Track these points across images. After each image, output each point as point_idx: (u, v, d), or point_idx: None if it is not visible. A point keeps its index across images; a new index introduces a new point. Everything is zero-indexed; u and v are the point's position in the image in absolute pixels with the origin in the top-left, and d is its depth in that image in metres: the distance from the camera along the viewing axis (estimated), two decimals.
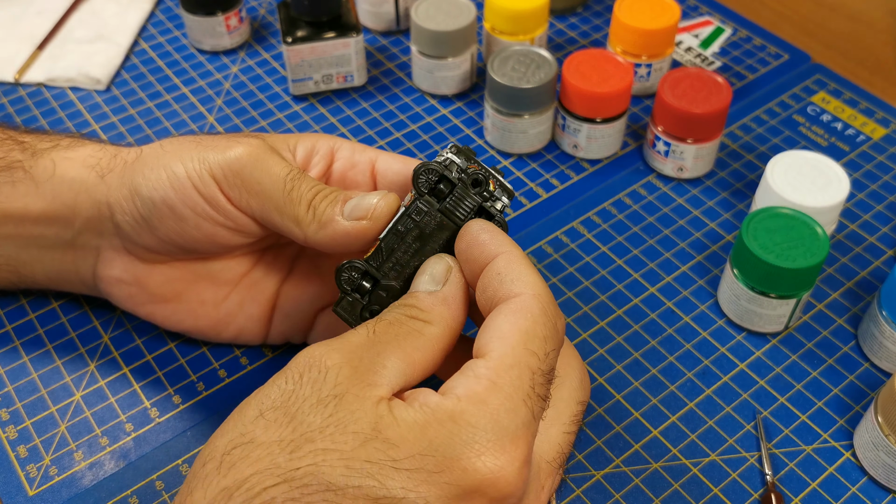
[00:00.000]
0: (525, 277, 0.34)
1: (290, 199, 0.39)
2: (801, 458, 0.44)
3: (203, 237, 0.41)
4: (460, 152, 0.39)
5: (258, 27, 0.70)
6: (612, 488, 0.43)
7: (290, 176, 0.40)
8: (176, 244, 0.42)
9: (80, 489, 0.43)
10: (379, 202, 0.38)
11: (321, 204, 0.39)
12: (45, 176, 0.43)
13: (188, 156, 0.40)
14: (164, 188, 0.40)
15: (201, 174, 0.40)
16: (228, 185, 0.40)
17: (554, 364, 0.33)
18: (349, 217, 0.38)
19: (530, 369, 0.32)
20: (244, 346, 0.48)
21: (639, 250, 0.54)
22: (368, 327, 0.33)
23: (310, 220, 0.39)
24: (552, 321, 0.33)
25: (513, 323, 0.32)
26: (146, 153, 0.42)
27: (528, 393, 0.31)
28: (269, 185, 0.39)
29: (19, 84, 0.65)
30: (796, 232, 0.46)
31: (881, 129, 0.62)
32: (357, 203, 0.38)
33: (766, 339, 0.49)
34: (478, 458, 0.29)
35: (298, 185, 0.39)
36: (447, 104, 0.64)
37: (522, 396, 0.31)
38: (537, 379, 0.32)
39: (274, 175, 0.39)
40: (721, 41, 0.69)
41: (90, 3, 0.71)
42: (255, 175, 0.39)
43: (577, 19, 0.71)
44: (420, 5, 0.61)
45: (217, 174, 0.40)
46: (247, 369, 0.48)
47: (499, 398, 0.31)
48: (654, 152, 0.58)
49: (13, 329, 0.49)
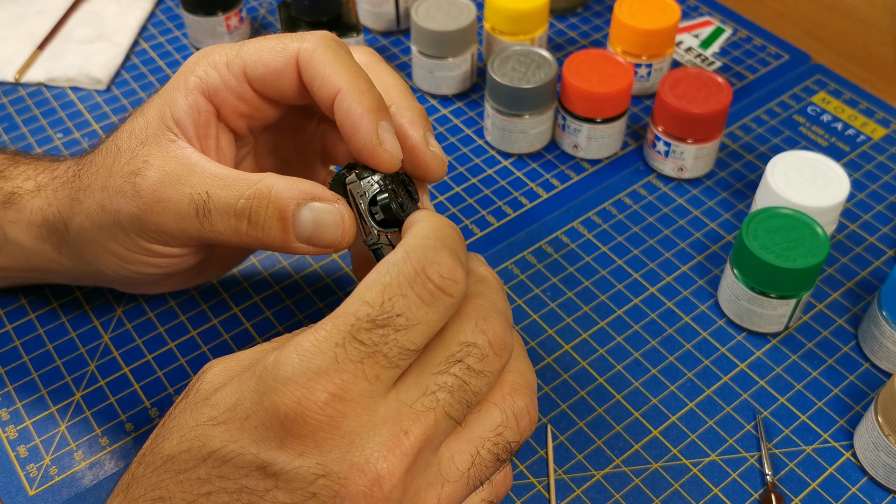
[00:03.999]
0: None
1: (214, 232, 0.36)
2: (801, 458, 0.44)
3: (136, 275, 0.41)
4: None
5: (258, 27, 0.70)
6: (612, 488, 0.43)
7: (200, 214, 0.36)
8: (119, 276, 0.41)
9: (80, 489, 0.43)
10: (344, 233, 0.36)
11: (263, 235, 0.36)
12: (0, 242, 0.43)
13: (105, 198, 0.38)
14: (87, 230, 0.40)
15: (121, 229, 0.38)
16: (143, 232, 0.38)
17: (397, 313, 0.30)
18: (308, 242, 0.36)
19: (355, 316, 0.30)
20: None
21: (639, 250, 0.54)
22: None
23: (255, 246, 0.36)
24: (411, 269, 0.30)
25: (370, 275, 0.31)
26: (80, 183, 0.40)
27: (346, 337, 0.29)
28: (183, 227, 0.37)
29: (20, 84, 0.65)
30: (796, 232, 0.46)
31: (881, 129, 0.62)
32: (314, 231, 0.35)
33: (766, 339, 0.49)
34: (276, 395, 0.29)
35: (216, 220, 0.36)
36: (447, 104, 0.64)
37: (337, 339, 0.29)
38: (360, 325, 0.29)
39: (181, 211, 0.36)
40: (721, 41, 0.69)
41: (90, 3, 0.71)
42: (163, 223, 0.37)
43: (577, 19, 0.71)
44: (420, 5, 0.61)
45: (133, 227, 0.38)
46: None
47: (312, 341, 0.30)
48: (654, 152, 0.58)
49: (13, 329, 0.49)
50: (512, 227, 0.55)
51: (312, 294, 0.51)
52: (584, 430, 0.45)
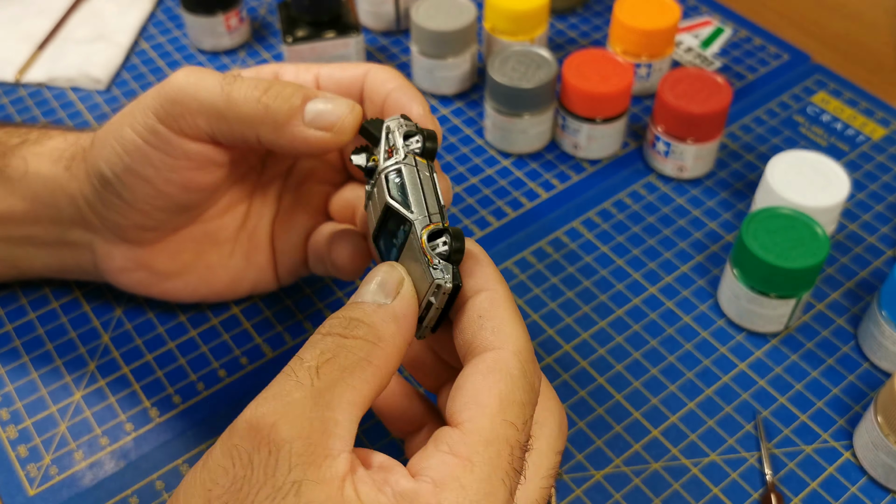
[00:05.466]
0: (507, 328, 0.31)
1: (231, 101, 0.37)
2: (801, 458, 0.44)
3: (177, 190, 0.40)
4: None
5: (258, 27, 0.70)
6: (612, 488, 0.43)
7: (227, 80, 0.38)
8: (159, 208, 0.41)
9: (80, 489, 0.43)
10: (346, 117, 0.37)
11: (274, 102, 0.37)
12: (18, 174, 0.43)
13: (131, 115, 0.39)
14: (120, 158, 0.39)
15: (146, 123, 0.39)
16: (172, 117, 0.38)
17: (530, 429, 0.31)
18: (311, 124, 0.37)
19: (509, 444, 0.29)
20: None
21: (639, 250, 0.54)
22: (311, 371, 0.29)
23: (261, 117, 0.37)
24: (531, 382, 0.31)
25: (490, 387, 0.30)
26: (99, 134, 0.41)
27: (507, 471, 0.29)
28: (206, 96, 0.37)
29: (20, 84, 0.65)
30: (796, 232, 0.46)
31: (881, 129, 0.62)
32: (319, 109, 0.37)
33: (766, 340, 0.49)
34: None
35: (239, 86, 0.37)
36: (447, 104, 0.64)
37: (501, 476, 0.28)
38: (515, 453, 0.29)
39: (209, 84, 0.38)
40: (721, 41, 0.69)
41: (90, 3, 0.71)
42: (190, 93, 0.38)
43: (577, 19, 0.71)
44: (420, 5, 0.61)
45: (160, 114, 0.38)
46: (247, 369, 0.48)
47: (477, 481, 0.28)
48: (654, 152, 0.58)
49: (13, 329, 0.49)
50: (512, 227, 0.55)
51: (312, 294, 0.51)
52: (583, 431, 0.45)
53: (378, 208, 0.35)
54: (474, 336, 0.31)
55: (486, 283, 0.32)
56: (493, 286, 0.32)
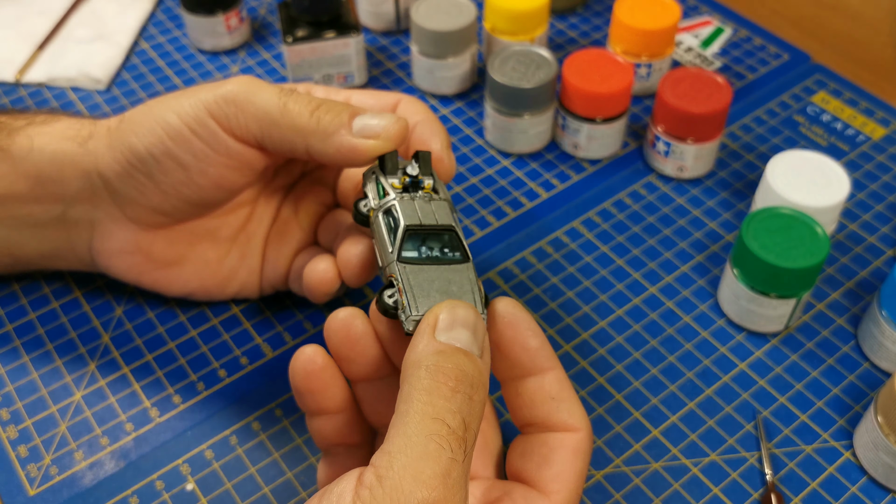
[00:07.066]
0: (579, 409, 0.35)
1: (286, 112, 0.40)
2: (801, 458, 0.44)
3: (209, 183, 0.42)
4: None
5: (258, 27, 0.70)
6: (612, 488, 0.43)
7: (284, 92, 0.40)
8: (183, 197, 0.42)
9: (80, 489, 0.43)
10: (391, 125, 0.39)
11: (325, 116, 0.40)
12: (23, 152, 0.43)
13: (178, 103, 0.41)
14: (161, 140, 0.41)
15: (197, 115, 0.40)
16: (225, 115, 0.40)
17: None
18: (359, 134, 0.39)
19: None
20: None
21: (639, 250, 0.54)
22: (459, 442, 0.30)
23: (313, 128, 0.40)
24: None
25: (573, 464, 0.34)
26: (131, 114, 0.43)
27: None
28: (264, 103, 0.40)
29: (20, 84, 0.65)
30: (796, 232, 0.46)
31: (881, 129, 0.62)
32: (367, 122, 0.40)
33: (766, 339, 0.49)
34: None
35: (296, 99, 0.40)
36: (447, 104, 0.64)
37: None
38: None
39: (268, 93, 0.40)
40: (721, 41, 0.69)
41: (90, 3, 0.71)
42: (248, 98, 0.40)
43: (577, 19, 0.71)
44: (420, 5, 0.61)
45: (213, 109, 0.40)
46: (247, 369, 0.48)
47: None
48: (654, 152, 0.58)
49: (13, 329, 0.49)
50: (512, 227, 0.55)
51: None
52: None
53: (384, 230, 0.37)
54: (549, 415, 0.35)
55: (549, 362, 0.36)
56: (556, 364, 0.36)
